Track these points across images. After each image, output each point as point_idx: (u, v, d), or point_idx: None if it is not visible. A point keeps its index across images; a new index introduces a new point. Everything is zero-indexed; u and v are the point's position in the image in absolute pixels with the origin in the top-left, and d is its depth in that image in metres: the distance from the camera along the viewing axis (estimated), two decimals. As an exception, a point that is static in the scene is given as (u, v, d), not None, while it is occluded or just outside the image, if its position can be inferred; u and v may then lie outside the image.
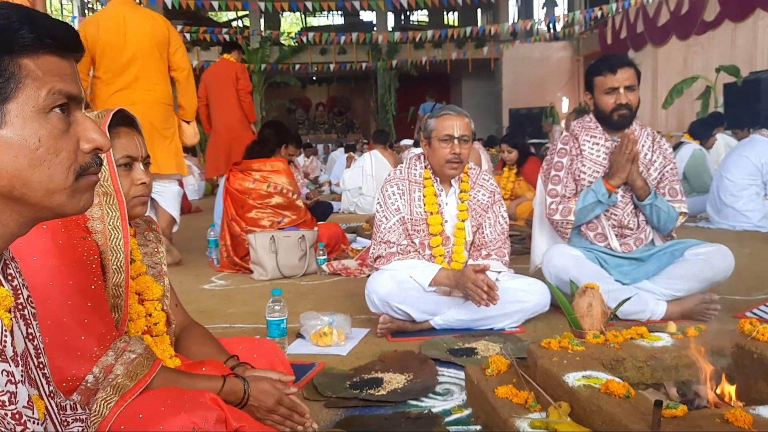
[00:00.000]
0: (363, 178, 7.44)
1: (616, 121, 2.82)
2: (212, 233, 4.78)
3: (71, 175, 0.86)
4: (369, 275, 3.69)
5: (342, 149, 12.76)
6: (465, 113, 2.76)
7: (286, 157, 4.58)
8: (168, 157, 4.25)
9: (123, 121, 1.51)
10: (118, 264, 1.42)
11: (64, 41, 0.86)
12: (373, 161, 7.49)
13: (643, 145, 2.88)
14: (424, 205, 2.77)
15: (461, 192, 2.83)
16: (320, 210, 5.72)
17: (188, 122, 4.51)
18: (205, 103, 6.41)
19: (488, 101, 19.59)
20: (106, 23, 4.16)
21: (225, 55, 6.49)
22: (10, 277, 0.92)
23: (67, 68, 0.86)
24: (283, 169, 4.26)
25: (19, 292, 0.94)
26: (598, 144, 2.88)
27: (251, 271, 4.05)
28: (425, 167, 2.82)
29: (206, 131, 6.66)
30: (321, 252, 4.12)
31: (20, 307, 0.95)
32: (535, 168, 5.97)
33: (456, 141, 2.66)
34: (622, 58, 2.85)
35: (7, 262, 0.92)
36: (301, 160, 11.77)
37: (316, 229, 4.28)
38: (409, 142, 11.25)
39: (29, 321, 0.97)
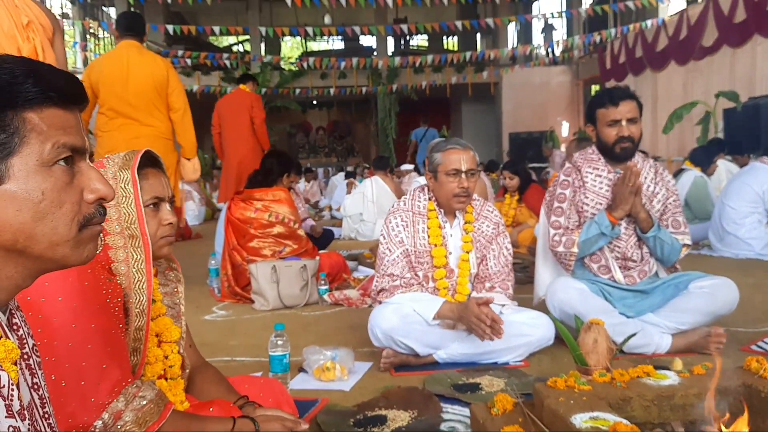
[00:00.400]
0: (364, 204, 7.46)
1: (618, 154, 2.84)
2: (213, 262, 4.77)
3: (75, 226, 0.86)
4: (371, 306, 3.70)
5: (342, 174, 12.80)
6: (470, 146, 2.78)
7: (287, 186, 4.59)
8: None
9: (149, 162, 1.52)
10: (141, 308, 1.43)
11: (67, 93, 0.86)
12: (374, 187, 7.52)
13: (645, 177, 2.90)
14: (429, 237, 2.78)
15: (466, 223, 2.84)
16: (321, 237, 5.73)
17: (189, 159, 4.64)
18: (218, 131, 6.69)
19: (488, 125, 19.70)
20: (109, 65, 4.40)
21: (241, 86, 6.82)
22: (15, 327, 0.92)
23: (71, 120, 0.87)
24: (284, 198, 4.28)
25: (25, 341, 0.94)
26: (600, 176, 2.90)
27: (252, 301, 4.04)
28: (429, 199, 2.84)
29: (219, 158, 6.89)
30: (323, 282, 4.12)
31: (25, 357, 0.95)
32: (536, 195, 5.99)
33: (463, 175, 2.68)
34: (624, 91, 2.87)
35: (13, 311, 0.93)
36: (301, 185, 11.81)
37: (317, 258, 4.28)
38: (409, 167, 11.29)
39: (34, 371, 0.97)
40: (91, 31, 19.53)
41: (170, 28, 14.80)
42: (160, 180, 1.57)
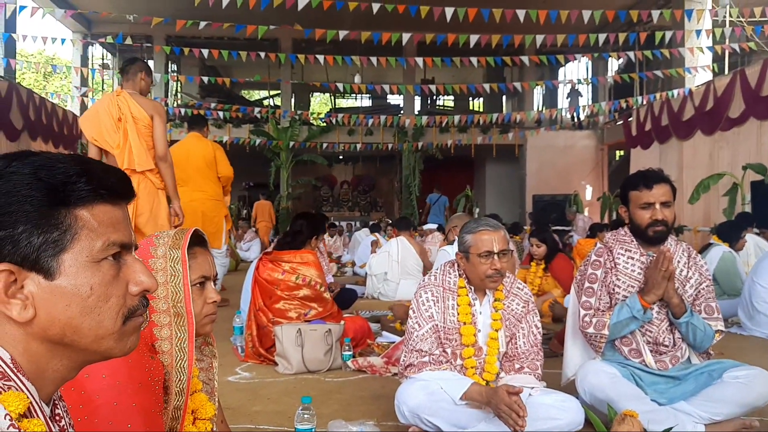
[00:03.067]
0: (389, 263, 7.46)
1: (651, 237, 2.83)
2: (237, 320, 4.78)
3: (119, 319, 0.88)
4: (395, 374, 3.66)
5: (366, 230, 12.83)
6: (501, 226, 2.78)
7: (315, 248, 4.61)
8: (212, 236, 5.92)
9: (196, 240, 1.55)
10: (181, 387, 1.44)
11: (117, 191, 0.89)
12: (400, 247, 7.53)
13: (678, 262, 2.87)
14: (458, 314, 2.76)
15: (495, 301, 2.82)
16: (344, 297, 5.70)
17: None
18: None
19: (512, 186, 19.77)
20: (177, 149, 6.17)
21: None
22: (57, 417, 0.93)
23: (120, 215, 0.89)
24: (312, 261, 4.30)
25: None
26: (633, 258, 2.88)
27: (276, 363, 4.02)
28: (460, 275, 2.83)
29: None
30: (347, 347, 4.10)
31: None
32: (563, 265, 5.93)
33: (495, 256, 2.67)
34: (658, 174, 2.87)
35: (56, 401, 0.94)
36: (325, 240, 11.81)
37: (342, 323, 4.26)
38: (432, 226, 11.29)
39: None
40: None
41: (205, 79, 15.21)
42: (207, 259, 1.60)
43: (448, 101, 25.61)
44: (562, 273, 5.80)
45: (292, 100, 20.30)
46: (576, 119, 18.79)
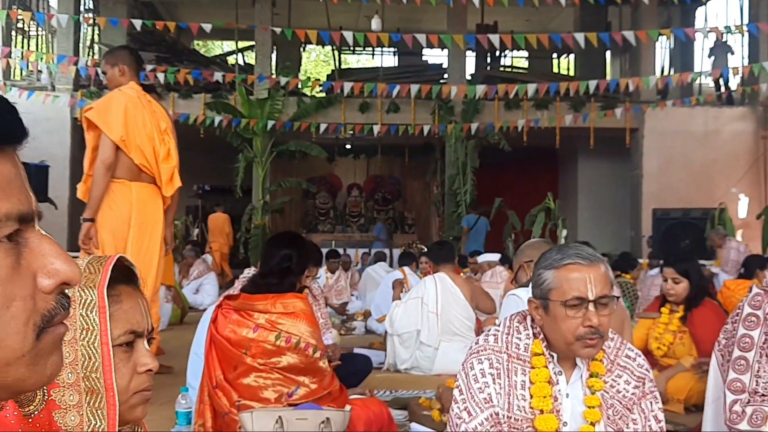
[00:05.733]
0: (422, 316, 7.42)
1: (841, 278, 2.82)
2: (183, 402, 4.81)
3: (31, 332, 0.87)
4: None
5: (384, 264, 12.86)
6: (600, 258, 2.78)
7: (307, 289, 4.64)
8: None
9: (120, 274, 1.57)
10: None
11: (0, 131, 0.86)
12: (439, 290, 7.49)
13: None
14: (531, 396, 2.76)
15: (591, 377, 2.82)
16: (351, 368, 5.72)
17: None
18: None
19: (619, 195, 19.68)
20: None
21: None
22: None
23: (10, 170, 0.87)
24: (301, 310, 4.32)
25: None
26: (812, 312, 2.88)
27: (242, 472, 4.06)
28: (535, 335, 2.83)
29: None
30: (355, 447, 4.13)
31: None
32: (711, 318, 5.77)
33: (591, 306, 2.67)
34: None
35: None
36: (322, 279, 11.80)
37: (348, 408, 4.28)
38: (493, 257, 11.28)
39: None
40: (19, 25, 20.43)
41: (137, 23, 15.32)
42: (138, 304, 1.61)
43: (518, 60, 25.66)
44: (708, 330, 5.63)
45: (273, 58, 20.44)
46: (723, 89, 18.69)
